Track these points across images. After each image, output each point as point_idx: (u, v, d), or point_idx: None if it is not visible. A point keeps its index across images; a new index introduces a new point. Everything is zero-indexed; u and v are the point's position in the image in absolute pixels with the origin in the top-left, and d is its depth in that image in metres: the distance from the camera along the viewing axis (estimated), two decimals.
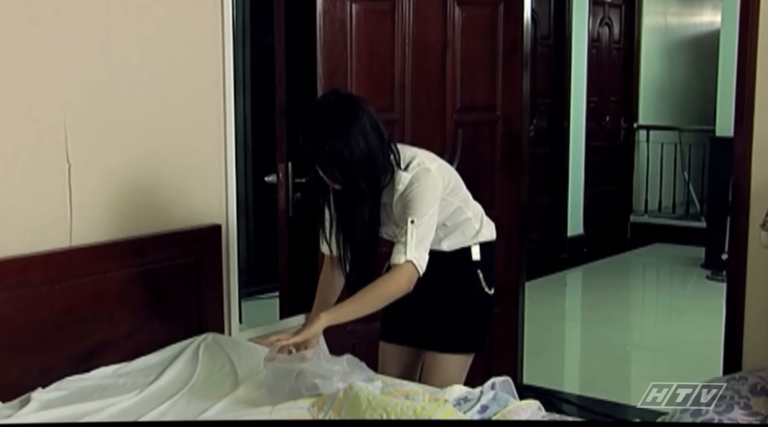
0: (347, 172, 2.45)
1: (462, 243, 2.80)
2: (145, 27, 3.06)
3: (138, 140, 3.07)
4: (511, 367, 4.01)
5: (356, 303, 2.52)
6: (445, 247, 2.77)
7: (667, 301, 7.26)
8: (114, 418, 2.50)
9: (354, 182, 2.48)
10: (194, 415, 2.51)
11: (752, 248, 3.26)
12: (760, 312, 3.29)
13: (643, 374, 5.15)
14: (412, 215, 2.52)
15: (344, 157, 2.42)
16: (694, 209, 8.85)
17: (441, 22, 3.71)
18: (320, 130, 2.43)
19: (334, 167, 2.45)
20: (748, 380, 2.98)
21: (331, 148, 2.41)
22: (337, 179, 2.49)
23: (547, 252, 7.21)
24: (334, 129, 2.42)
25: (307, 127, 2.48)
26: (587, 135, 7.90)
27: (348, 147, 2.41)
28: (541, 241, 7.14)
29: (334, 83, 3.49)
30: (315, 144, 2.43)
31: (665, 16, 9.32)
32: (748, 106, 3.26)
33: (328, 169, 2.47)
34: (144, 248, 3.05)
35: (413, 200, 2.54)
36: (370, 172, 2.48)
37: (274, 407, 2.42)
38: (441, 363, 2.80)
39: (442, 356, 2.81)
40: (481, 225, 2.84)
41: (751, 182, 3.27)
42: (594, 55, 8.03)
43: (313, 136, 2.45)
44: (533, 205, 2.75)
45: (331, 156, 2.42)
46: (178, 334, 3.09)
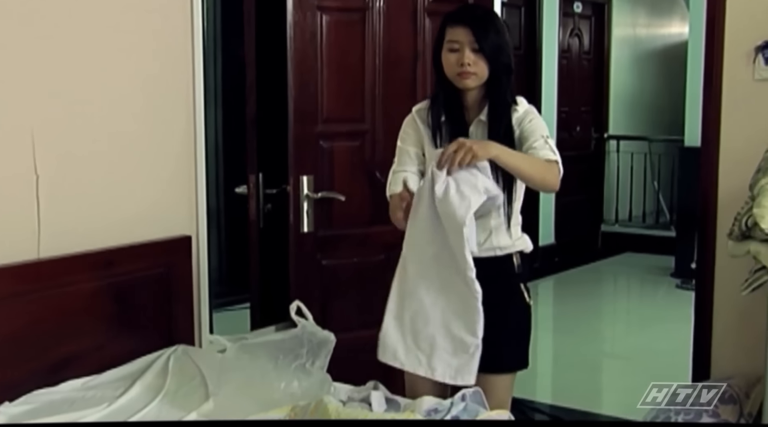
0: (499, 45, 2.60)
1: (506, 247, 2.69)
2: (114, 38, 3.05)
3: (107, 152, 3.05)
4: None
5: (525, 158, 2.54)
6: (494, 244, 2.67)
7: (638, 310, 7.30)
8: None
9: (501, 56, 2.61)
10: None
11: (720, 258, 3.29)
12: (728, 321, 3.32)
13: (615, 383, 5.18)
14: (541, 130, 2.63)
15: (504, 40, 2.63)
16: (664, 219, 8.93)
17: (411, 33, 3.72)
18: (488, 18, 2.68)
19: (496, 47, 2.59)
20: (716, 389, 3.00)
21: (498, 31, 2.62)
22: (491, 51, 2.58)
23: None
24: (497, 20, 2.71)
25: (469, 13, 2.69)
26: (558, 145, 7.84)
27: (501, 28, 2.66)
28: None
29: (305, 94, 3.49)
30: (482, 25, 2.59)
31: (634, 27, 9.41)
32: (715, 117, 3.30)
33: (489, 46, 2.58)
34: (113, 259, 3.02)
35: (539, 126, 2.64)
36: (511, 56, 2.67)
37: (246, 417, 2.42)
38: (495, 384, 2.66)
39: (496, 377, 2.68)
40: (523, 234, 2.77)
41: (718, 192, 3.31)
42: (564, 66, 8.09)
43: (481, 19, 2.63)
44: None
45: (496, 37, 2.59)
46: (148, 346, 3.06)
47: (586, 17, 8.48)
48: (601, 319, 6.84)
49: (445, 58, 2.61)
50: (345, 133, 3.63)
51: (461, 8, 2.81)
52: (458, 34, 2.57)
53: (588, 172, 8.55)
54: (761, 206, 2.64)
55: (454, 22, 2.60)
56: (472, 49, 2.56)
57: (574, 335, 6.08)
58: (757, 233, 2.74)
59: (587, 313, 6.70)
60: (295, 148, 3.47)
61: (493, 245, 2.67)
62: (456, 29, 2.58)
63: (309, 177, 3.45)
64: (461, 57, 2.56)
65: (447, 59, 2.60)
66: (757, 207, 2.66)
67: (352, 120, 3.65)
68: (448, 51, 2.60)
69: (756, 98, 3.23)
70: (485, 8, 2.91)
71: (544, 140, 2.59)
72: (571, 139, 8.21)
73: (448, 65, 2.60)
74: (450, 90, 2.65)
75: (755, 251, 2.80)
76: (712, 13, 3.28)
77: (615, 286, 8.19)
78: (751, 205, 2.74)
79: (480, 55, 2.57)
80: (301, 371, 2.58)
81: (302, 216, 3.44)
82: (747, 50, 3.21)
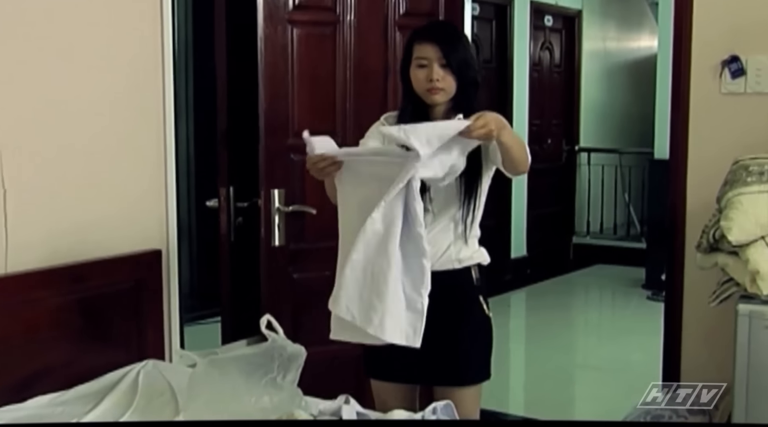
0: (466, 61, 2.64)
1: (464, 260, 2.75)
2: (84, 51, 3.03)
3: (75, 165, 3.03)
4: None
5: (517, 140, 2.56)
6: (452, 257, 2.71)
7: (609, 321, 7.34)
8: None
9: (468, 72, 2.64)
10: None
11: (689, 269, 3.32)
12: (697, 332, 3.34)
13: (587, 394, 5.20)
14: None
15: (471, 55, 2.69)
16: (635, 230, 8.99)
17: (382, 46, 3.73)
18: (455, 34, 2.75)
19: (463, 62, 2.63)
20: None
21: (464, 47, 2.68)
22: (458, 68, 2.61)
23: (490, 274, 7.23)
24: (463, 36, 2.80)
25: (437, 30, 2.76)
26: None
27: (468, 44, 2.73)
28: None
29: (276, 107, 3.48)
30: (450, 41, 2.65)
31: (604, 40, 9.49)
32: (683, 130, 3.33)
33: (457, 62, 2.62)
34: (82, 274, 3.00)
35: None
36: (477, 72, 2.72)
37: None
38: (460, 397, 2.66)
39: (461, 390, 2.70)
40: (480, 247, 2.85)
41: (686, 205, 3.34)
42: (535, 79, 8.14)
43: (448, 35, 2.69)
44: None
45: (463, 52, 2.65)
46: (118, 361, 3.03)
47: (556, 30, 8.55)
48: (573, 330, 6.87)
49: (413, 74, 2.65)
50: None
51: (428, 25, 2.86)
52: (426, 51, 2.61)
53: (559, 185, 8.60)
54: (728, 219, 2.66)
55: (422, 39, 2.64)
56: (441, 65, 2.60)
57: (546, 346, 6.10)
58: (724, 246, 2.77)
59: (559, 324, 6.72)
60: (266, 162, 3.46)
61: (452, 257, 2.71)
62: (424, 46, 2.62)
63: (280, 190, 3.44)
64: (430, 73, 2.60)
65: (416, 75, 2.64)
66: (724, 220, 2.68)
67: (323, 133, 3.62)
68: (417, 67, 2.64)
69: (723, 112, 3.27)
70: (451, 24, 2.97)
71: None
72: (542, 152, 8.25)
73: (417, 81, 2.64)
74: (418, 103, 2.69)
75: (723, 263, 2.83)
76: (679, 27, 3.31)
77: (586, 297, 8.23)
78: (719, 218, 2.76)
79: (448, 71, 2.61)
80: (272, 385, 2.56)
81: (273, 229, 3.43)
82: (714, 64, 3.25)
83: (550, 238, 8.37)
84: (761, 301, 2.64)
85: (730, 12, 3.23)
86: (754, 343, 2.62)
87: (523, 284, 7.66)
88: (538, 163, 8.02)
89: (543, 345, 6.15)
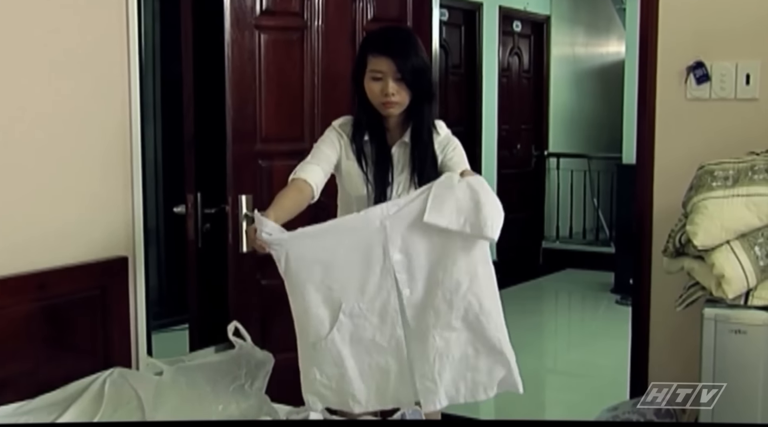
0: (421, 75, 2.63)
1: None
2: (47, 56, 3.01)
3: (39, 171, 3.00)
4: None
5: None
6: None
7: (579, 325, 7.37)
8: None
9: (423, 86, 2.64)
10: None
11: (656, 274, 3.34)
12: (664, 336, 3.36)
13: (557, 398, 5.21)
14: (463, 165, 2.66)
15: (424, 62, 2.67)
16: (604, 235, 9.03)
17: (350, 51, 3.72)
18: (409, 44, 2.66)
19: (417, 72, 2.61)
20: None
21: (418, 57, 2.63)
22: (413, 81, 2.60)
23: None
24: (412, 41, 2.69)
25: (389, 42, 2.66)
26: (499, 163, 8.01)
27: (423, 55, 2.68)
28: None
29: (243, 113, 3.47)
30: (404, 53, 2.61)
31: (573, 46, 9.54)
32: (649, 136, 3.35)
33: (412, 73, 2.60)
34: (47, 281, 2.97)
35: (460, 154, 2.71)
36: (433, 83, 2.73)
37: None
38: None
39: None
40: None
41: (653, 210, 3.35)
42: (505, 84, 8.17)
43: (402, 47, 2.63)
44: None
45: (418, 63, 2.62)
46: (83, 369, 3.00)
47: (525, 36, 8.59)
48: (543, 335, 6.88)
49: (368, 86, 2.65)
50: (284, 152, 3.61)
51: (382, 36, 2.77)
52: (381, 64, 2.60)
53: (528, 190, 8.63)
54: (694, 224, 2.68)
55: (376, 51, 2.63)
56: (395, 79, 2.60)
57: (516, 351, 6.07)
58: (690, 250, 2.78)
59: (529, 329, 6.73)
60: (234, 168, 3.45)
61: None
62: (378, 59, 2.61)
63: (248, 196, 3.42)
64: (385, 87, 2.60)
65: (370, 87, 2.64)
66: (690, 224, 2.70)
67: (291, 139, 3.64)
68: (371, 80, 2.63)
69: (688, 117, 3.29)
70: (405, 33, 2.83)
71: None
72: (511, 157, 8.29)
73: (372, 93, 2.64)
74: (372, 113, 2.69)
75: (689, 267, 2.85)
76: (645, 33, 3.33)
77: (556, 302, 8.25)
78: (685, 223, 2.78)
79: (402, 84, 2.61)
80: (240, 392, 2.55)
81: (241, 236, 3.41)
82: (679, 70, 3.27)
83: (519, 243, 8.38)
84: (726, 305, 2.66)
85: (695, 18, 3.26)
86: (719, 346, 2.63)
87: None
88: (508, 168, 8.11)
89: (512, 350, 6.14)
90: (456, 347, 2.46)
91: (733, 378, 2.62)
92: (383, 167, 2.70)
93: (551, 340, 6.88)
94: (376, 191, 2.69)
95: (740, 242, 2.65)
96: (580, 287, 8.17)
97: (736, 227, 2.65)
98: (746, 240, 2.65)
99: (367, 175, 2.70)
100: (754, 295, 2.64)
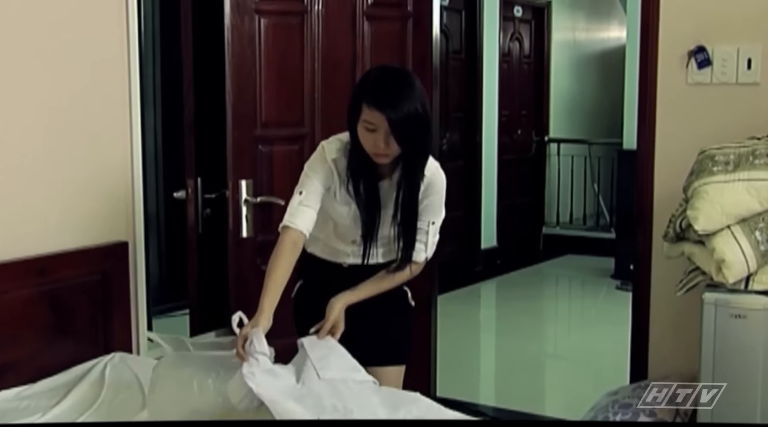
0: (418, 134, 2.51)
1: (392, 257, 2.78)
2: (47, 40, 3.00)
3: (40, 157, 3.00)
4: (425, 379, 4.02)
5: (373, 287, 2.73)
6: (381, 258, 2.77)
7: (579, 311, 7.38)
8: None
9: (421, 145, 2.55)
10: None
11: (656, 259, 3.33)
12: (664, 321, 3.36)
13: (557, 384, 5.23)
14: (434, 216, 2.69)
15: (420, 117, 2.50)
16: (604, 221, 9.04)
17: (350, 36, 3.71)
18: (406, 95, 2.50)
19: (410, 129, 2.49)
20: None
21: (410, 109, 2.48)
22: (408, 141, 2.50)
23: (461, 265, 7.27)
24: (408, 92, 2.50)
25: (383, 92, 2.51)
26: (499, 149, 8.00)
27: (421, 108, 2.50)
28: (455, 254, 7.19)
29: (243, 98, 3.46)
30: (399, 108, 2.47)
31: (574, 31, 9.52)
32: (650, 121, 3.34)
33: (404, 131, 2.49)
34: (47, 266, 2.97)
35: (437, 202, 2.69)
36: (431, 136, 2.63)
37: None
38: (387, 376, 2.81)
39: (389, 369, 2.84)
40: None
41: (653, 195, 3.35)
42: (505, 70, 8.15)
43: (391, 100, 2.48)
44: (446, 219, 2.79)
45: (409, 117, 2.47)
46: (84, 354, 3.02)
47: (526, 21, 8.56)
48: (543, 320, 6.89)
49: (360, 133, 2.54)
50: (284, 137, 3.62)
51: (379, 84, 2.56)
52: (374, 117, 2.48)
53: (529, 176, 8.63)
54: (694, 208, 2.68)
55: (371, 103, 2.50)
56: (387, 133, 2.49)
57: (516, 336, 6.12)
58: (691, 235, 2.78)
59: (529, 315, 6.75)
60: (234, 153, 3.44)
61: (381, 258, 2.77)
62: (372, 111, 2.49)
63: (248, 181, 3.43)
64: (377, 139, 2.50)
65: (363, 135, 2.54)
66: (690, 209, 2.70)
67: (291, 124, 3.64)
68: (364, 129, 2.52)
69: (689, 102, 3.28)
70: (403, 80, 2.56)
71: (427, 228, 2.70)
72: (512, 143, 8.28)
73: (364, 142, 2.54)
74: (365, 158, 2.60)
75: (689, 252, 2.85)
76: (647, 17, 3.32)
77: (556, 288, 8.27)
78: (685, 208, 2.78)
79: (393, 140, 2.50)
80: None
81: (241, 221, 3.42)
82: (680, 54, 3.26)
83: (520, 229, 8.40)
84: (727, 290, 2.66)
85: (696, 2, 3.24)
86: (719, 331, 2.63)
87: (493, 274, 7.68)
88: (508, 154, 8.11)
89: (513, 335, 6.17)
90: None
91: (733, 363, 2.62)
92: (372, 204, 2.66)
93: (551, 325, 6.89)
94: (365, 225, 2.68)
95: (741, 227, 2.65)
96: (581, 272, 8.18)
97: (736, 211, 2.65)
98: (747, 225, 2.64)
99: (354, 206, 2.66)
100: (754, 279, 2.64)
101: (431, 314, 4.11)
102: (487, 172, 7.81)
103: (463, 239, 7.53)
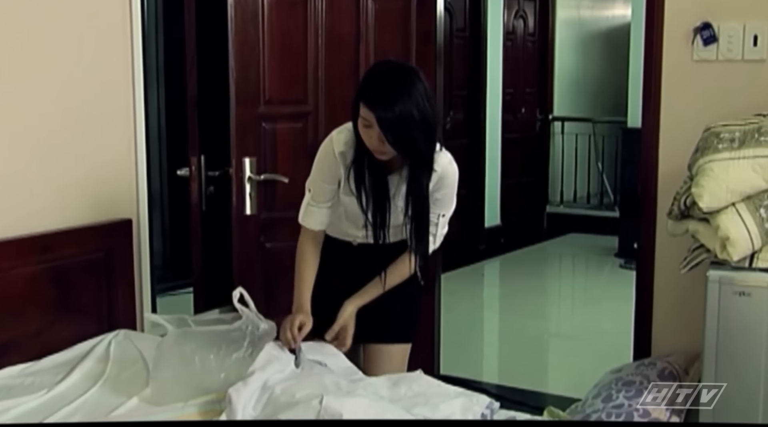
0: (412, 135, 2.45)
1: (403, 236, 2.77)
2: (50, 18, 2.99)
3: (44, 134, 3.00)
4: (429, 357, 4.03)
5: (382, 286, 2.74)
6: (392, 238, 2.74)
7: (583, 289, 7.39)
8: (20, 419, 2.45)
9: (416, 146, 2.48)
10: (104, 413, 2.46)
11: (660, 237, 3.33)
12: (668, 300, 3.36)
13: (560, 362, 5.24)
14: (444, 209, 2.73)
15: (413, 118, 2.42)
16: (608, 199, 9.03)
17: (354, 14, 3.69)
18: (401, 94, 2.42)
19: (401, 130, 2.43)
20: (656, 366, 3.05)
21: (402, 109, 2.40)
22: (401, 142, 2.45)
23: (464, 243, 7.26)
24: (403, 92, 2.42)
25: (376, 91, 2.46)
26: (503, 127, 7.98)
27: (416, 109, 2.42)
28: (459, 232, 7.18)
29: (246, 75, 3.45)
30: (384, 106, 2.41)
31: (578, 9, 9.47)
32: (655, 98, 3.32)
33: (394, 131, 2.43)
34: (51, 243, 2.98)
35: (448, 196, 2.73)
36: (430, 137, 2.51)
37: (185, 402, 2.41)
38: (393, 354, 2.84)
39: (396, 347, 2.87)
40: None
41: (658, 172, 3.34)
42: (509, 48, 8.10)
43: (382, 99, 2.43)
44: None
45: (401, 117, 2.40)
46: (89, 331, 3.03)
47: None
48: (547, 299, 6.91)
49: (359, 128, 2.51)
50: (288, 114, 3.61)
51: (374, 81, 2.51)
52: (368, 115, 2.44)
53: (533, 154, 8.61)
54: (699, 186, 2.67)
55: (365, 101, 2.46)
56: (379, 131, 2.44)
57: (520, 314, 6.13)
58: (695, 212, 2.77)
59: (533, 293, 6.76)
60: (237, 130, 3.43)
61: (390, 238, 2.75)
62: (365, 109, 2.45)
63: (251, 159, 3.42)
64: (372, 137, 2.47)
65: (361, 131, 2.51)
66: (695, 186, 2.69)
67: (294, 101, 3.62)
68: (362, 125, 2.49)
69: (695, 79, 3.26)
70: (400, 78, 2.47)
71: (437, 221, 2.73)
72: (516, 121, 8.25)
73: (364, 137, 2.51)
74: (370, 154, 2.57)
75: (693, 229, 2.84)
76: None
77: (560, 266, 8.27)
78: (690, 185, 2.77)
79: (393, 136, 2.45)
80: (241, 363, 2.53)
81: (245, 198, 3.41)
82: (686, 31, 3.24)
83: (523, 207, 8.38)
84: (731, 267, 2.65)
85: None
86: (723, 309, 2.63)
87: (497, 253, 7.68)
88: (512, 132, 8.09)
89: (516, 314, 6.18)
90: None
91: (737, 340, 2.62)
92: (381, 197, 2.64)
93: (555, 304, 6.90)
94: (374, 218, 2.65)
95: (746, 204, 2.64)
96: (584, 251, 8.18)
97: (741, 189, 2.64)
98: (752, 202, 2.64)
99: (364, 199, 2.64)
100: (758, 257, 2.63)
101: (435, 293, 4.12)
102: (491, 151, 7.78)
103: (466, 217, 7.51)
